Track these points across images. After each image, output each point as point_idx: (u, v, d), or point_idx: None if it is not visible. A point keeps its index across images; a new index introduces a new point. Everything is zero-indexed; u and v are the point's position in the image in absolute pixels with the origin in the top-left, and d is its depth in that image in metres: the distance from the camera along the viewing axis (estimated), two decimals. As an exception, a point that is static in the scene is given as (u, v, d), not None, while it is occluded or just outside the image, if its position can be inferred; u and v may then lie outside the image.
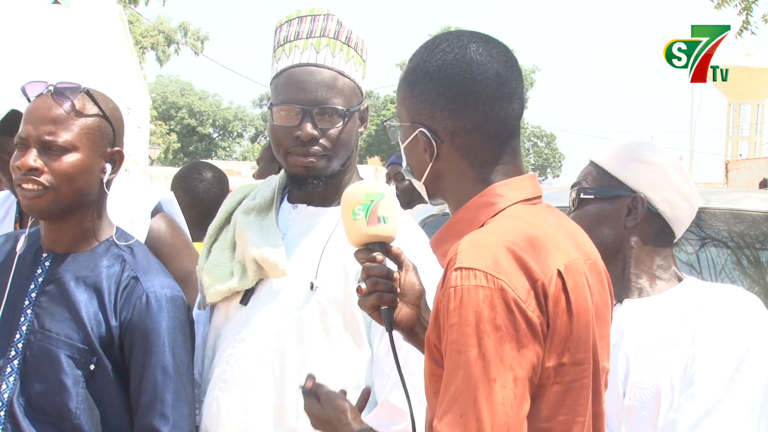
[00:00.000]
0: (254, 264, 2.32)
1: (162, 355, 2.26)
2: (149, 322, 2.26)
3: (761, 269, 3.80)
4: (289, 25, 2.41)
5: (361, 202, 1.97)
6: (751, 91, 45.69)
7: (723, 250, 3.74)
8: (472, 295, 1.64)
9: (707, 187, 16.16)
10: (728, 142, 48.88)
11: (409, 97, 1.84)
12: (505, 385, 1.62)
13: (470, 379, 1.63)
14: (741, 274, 3.75)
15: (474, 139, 1.79)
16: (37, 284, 2.31)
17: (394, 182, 6.37)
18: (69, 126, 2.24)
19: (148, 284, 2.29)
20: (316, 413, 2.06)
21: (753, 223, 3.86)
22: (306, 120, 2.30)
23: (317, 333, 2.29)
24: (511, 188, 1.80)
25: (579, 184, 2.37)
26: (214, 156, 56.67)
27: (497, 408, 1.61)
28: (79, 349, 2.24)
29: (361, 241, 1.97)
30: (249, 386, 2.30)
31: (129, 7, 24.43)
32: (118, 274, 2.30)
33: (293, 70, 2.34)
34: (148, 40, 50.62)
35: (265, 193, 2.45)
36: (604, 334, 1.85)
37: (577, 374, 1.72)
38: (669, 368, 2.20)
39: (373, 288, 1.94)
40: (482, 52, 1.80)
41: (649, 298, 2.31)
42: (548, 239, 1.74)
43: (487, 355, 1.62)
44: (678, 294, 2.31)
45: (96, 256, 2.32)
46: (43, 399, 2.24)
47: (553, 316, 1.68)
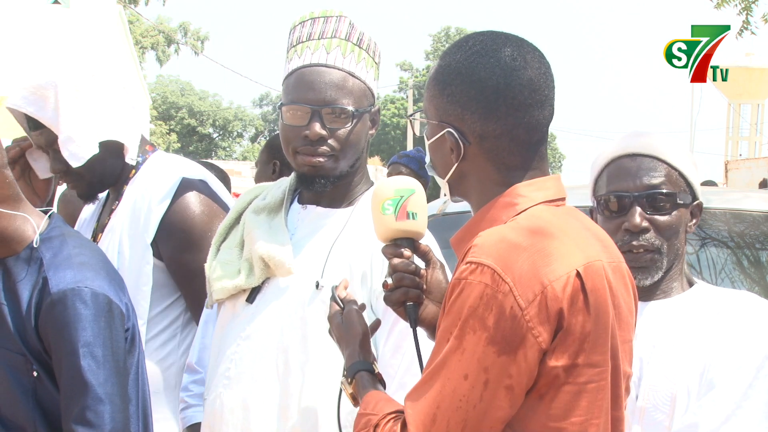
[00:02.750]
0: (261, 262, 2.33)
1: (72, 355, 2.18)
2: (57, 323, 2.19)
3: (761, 269, 3.79)
4: (302, 26, 2.42)
5: (391, 198, 1.99)
6: (751, 91, 45.61)
7: (723, 250, 3.74)
8: (472, 290, 1.65)
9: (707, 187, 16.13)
10: (728, 142, 48.82)
11: (438, 96, 1.82)
12: (475, 385, 1.64)
13: (443, 368, 1.66)
14: (741, 274, 3.75)
15: (502, 144, 1.78)
16: None
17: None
18: None
19: (53, 283, 2.21)
20: (333, 324, 2.04)
21: (753, 223, 3.86)
22: (315, 120, 2.31)
23: (321, 332, 2.29)
24: (534, 189, 1.80)
25: (662, 187, 2.30)
26: (214, 156, 56.58)
27: (459, 404, 1.64)
28: (15, 357, 2.21)
29: (389, 236, 1.98)
30: (252, 383, 2.30)
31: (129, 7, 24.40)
32: (35, 279, 2.24)
33: (303, 70, 2.35)
34: (148, 40, 50.55)
35: (276, 194, 2.47)
36: (627, 338, 1.83)
37: (592, 376, 1.71)
38: (685, 373, 2.20)
39: (399, 283, 1.94)
40: (516, 57, 1.78)
41: (663, 301, 2.31)
42: (568, 240, 1.73)
43: (466, 350, 1.64)
44: (692, 298, 2.31)
45: (20, 262, 2.28)
46: (5, 409, 2.24)
47: (567, 316, 1.67)
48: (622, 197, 2.30)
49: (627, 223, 2.28)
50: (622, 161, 2.34)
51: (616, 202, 2.31)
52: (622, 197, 2.30)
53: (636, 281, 2.27)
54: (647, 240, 2.28)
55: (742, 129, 49.42)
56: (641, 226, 2.27)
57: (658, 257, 2.28)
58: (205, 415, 2.38)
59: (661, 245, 2.28)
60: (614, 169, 2.34)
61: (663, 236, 2.29)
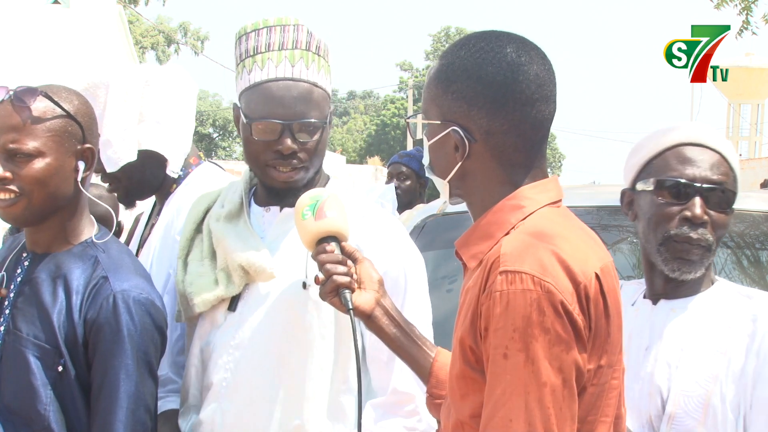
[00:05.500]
0: (240, 270, 2.33)
1: (125, 357, 2.20)
2: (114, 323, 2.21)
3: (761, 269, 3.79)
4: (257, 34, 2.40)
5: (308, 204, 2.13)
6: (751, 91, 45.61)
7: (723, 250, 3.73)
8: (519, 299, 1.64)
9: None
10: (728, 142, 48.70)
11: (442, 95, 1.82)
12: (556, 389, 1.62)
13: (519, 383, 1.62)
14: (741, 274, 3.74)
15: (509, 141, 1.78)
16: (16, 284, 2.30)
17: (396, 181, 6.36)
18: (32, 131, 2.20)
19: (116, 285, 2.24)
20: None
21: (753, 223, 3.86)
22: (286, 135, 2.33)
23: (313, 330, 2.30)
24: (538, 191, 1.80)
25: (726, 185, 2.28)
26: (214, 156, 56.59)
27: (548, 412, 1.61)
28: (46, 349, 2.21)
29: (313, 238, 2.10)
30: (253, 391, 2.30)
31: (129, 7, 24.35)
32: (89, 274, 2.26)
33: (270, 85, 2.35)
34: (148, 40, 50.55)
35: (234, 199, 2.46)
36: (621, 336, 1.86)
37: (609, 376, 1.73)
38: (719, 378, 2.17)
39: (328, 274, 2.04)
40: (521, 53, 1.79)
41: (685, 300, 2.28)
42: (582, 242, 1.76)
43: (536, 359, 1.62)
44: (715, 297, 2.28)
45: (72, 255, 2.29)
46: (14, 400, 2.22)
47: (594, 318, 1.68)
48: (687, 185, 2.25)
49: (688, 212, 2.23)
50: (690, 149, 2.29)
51: (678, 188, 2.25)
52: (687, 185, 2.25)
53: (677, 273, 2.24)
54: (703, 234, 2.24)
55: (742, 129, 49.42)
56: (702, 218, 2.23)
57: (707, 254, 2.25)
58: (200, 427, 2.37)
59: (713, 242, 2.25)
60: (679, 155, 2.28)
61: (716, 234, 2.26)
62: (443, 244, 3.52)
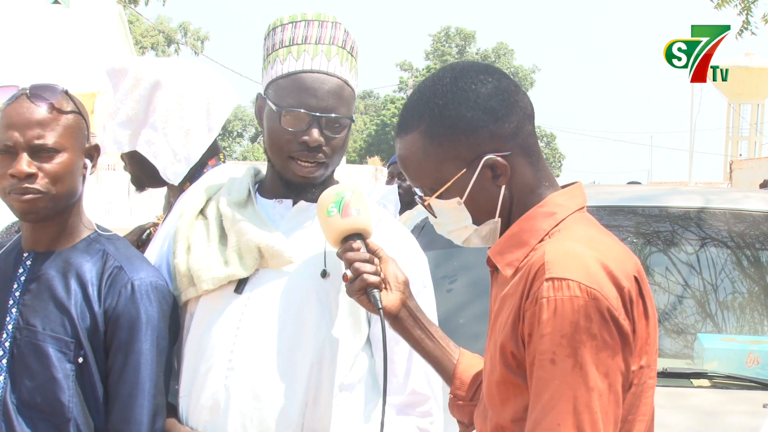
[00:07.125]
0: (256, 251, 2.32)
1: (145, 342, 2.25)
2: (134, 310, 2.25)
3: (761, 269, 3.79)
4: (294, 26, 2.40)
5: (333, 200, 2.12)
6: (751, 91, 45.70)
7: (723, 250, 3.74)
8: (566, 306, 1.66)
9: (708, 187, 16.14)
10: (728, 142, 48.88)
11: (455, 145, 1.82)
12: (602, 394, 1.65)
13: (567, 389, 1.65)
14: (741, 274, 3.75)
15: (528, 129, 1.84)
16: (20, 283, 2.30)
17: (397, 180, 6.37)
18: (54, 127, 2.23)
19: (132, 273, 2.28)
20: None
21: (753, 223, 3.86)
22: (314, 126, 2.31)
23: (326, 320, 2.30)
24: (567, 198, 1.84)
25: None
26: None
27: (596, 417, 1.64)
28: (67, 342, 2.23)
29: (339, 236, 2.10)
30: (261, 373, 2.29)
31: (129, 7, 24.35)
32: (101, 266, 2.29)
33: (303, 75, 2.34)
34: (148, 40, 50.60)
35: (241, 189, 2.46)
36: None
37: (647, 375, 1.77)
38: None
39: (357, 272, 2.05)
40: (480, 66, 1.87)
41: None
42: (618, 246, 1.79)
43: (584, 364, 1.64)
44: None
45: (77, 251, 2.32)
46: (35, 394, 2.24)
47: (636, 319, 1.71)
48: None
49: None
50: None
51: None
52: None
53: None
54: None
55: (742, 129, 49.52)
56: None
57: None
58: (202, 409, 2.36)
59: None
60: None
61: None
62: (443, 244, 3.51)
